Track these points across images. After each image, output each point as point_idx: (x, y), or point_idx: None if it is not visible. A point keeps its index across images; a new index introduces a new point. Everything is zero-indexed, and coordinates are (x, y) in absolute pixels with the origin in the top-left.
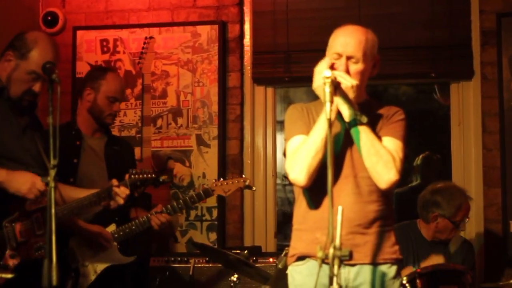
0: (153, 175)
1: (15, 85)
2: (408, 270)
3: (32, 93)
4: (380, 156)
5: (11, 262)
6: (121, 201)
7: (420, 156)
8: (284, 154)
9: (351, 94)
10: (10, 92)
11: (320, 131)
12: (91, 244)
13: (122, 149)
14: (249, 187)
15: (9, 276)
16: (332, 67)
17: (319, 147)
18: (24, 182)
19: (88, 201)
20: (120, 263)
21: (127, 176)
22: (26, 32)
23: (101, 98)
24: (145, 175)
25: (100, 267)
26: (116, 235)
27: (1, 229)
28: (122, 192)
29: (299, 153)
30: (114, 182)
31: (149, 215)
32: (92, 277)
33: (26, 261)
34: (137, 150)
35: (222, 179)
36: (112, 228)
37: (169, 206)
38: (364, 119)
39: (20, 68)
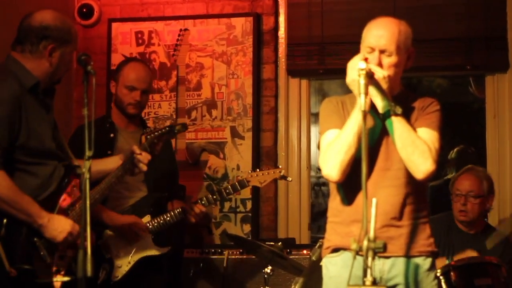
0: (167, 128)
1: (61, 69)
2: (442, 261)
3: (69, 69)
4: (416, 146)
5: (62, 264)
6: (144, 168)
7: (455, 149)
8: (319, 147)
9: (384, 85)
10: (57, 75)
11: (353, 125)
12: (126, 235)
13: None
14: (284, 177)
15: (66, 279)
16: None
17: (351, 142)
18: (61, 231)
19: (115, 178)
20: (154, 254)
21: (143, 138)
22: (46, 20)
23: (120, 88)
24: (159, 131)
25: (135, 258)
26: (150, 226)
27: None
28: (144, 158)
29: (332, 149)
30: (136, 149)
31: (184, 207)
32: (126, 268)
33: (73, 257)
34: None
35: (258, 170)
36: (147, 219)
37: (204, 197)
38: (399, 110)
39: (65, 53)
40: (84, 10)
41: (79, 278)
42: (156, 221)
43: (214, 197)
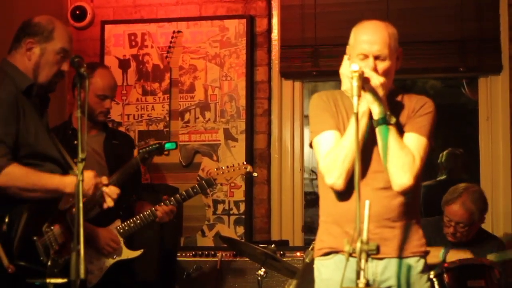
0: (157, 144)
1: (44, 70)
2: (437, 249)
3: (61, 74)
4: (398, 158)
5: (57, 265)
6: (111, 203)
7: (444, 153)
8: (311, 146)
9: (380, 92)
10: (39, 78)
11: (355, 133)
12: (98, 247)
13: (122, 142)
14: (250, 173)
15: (61, 280)
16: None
17: (355, 151)
18: (89, 187)
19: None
20: (127, 258)
21: (135, 152)
22: (32, 18)
23: (91, 96)
24: (150, 147)
25: (107, 263)
26: (121, 231)
27: (42, 235)
28: (112, 192)
29: (335, 157)
30: (104, 180)
31: (153, 209)
32: (100, 273)
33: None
34: None
35: (223, 167)
36: (117, 223)
37: (172, 198)
38: (393, 119)
39: (47, 51)
40: (77, 12)
41: (72, 280)
42: (126, 225)
43: (183, 197)
